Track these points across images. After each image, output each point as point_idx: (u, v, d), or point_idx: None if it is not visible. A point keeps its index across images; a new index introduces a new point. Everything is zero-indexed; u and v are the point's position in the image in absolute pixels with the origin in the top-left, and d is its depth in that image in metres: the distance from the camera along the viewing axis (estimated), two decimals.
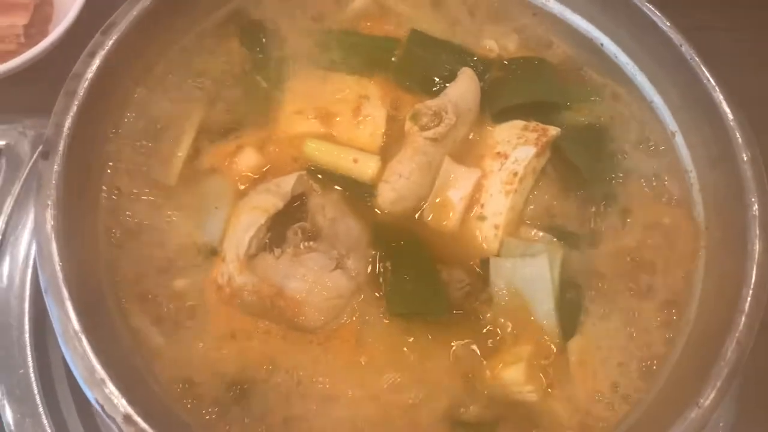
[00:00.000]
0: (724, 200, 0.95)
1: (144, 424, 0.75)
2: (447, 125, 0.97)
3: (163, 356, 0.87)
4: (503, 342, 0.90)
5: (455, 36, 1.09)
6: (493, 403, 0.88)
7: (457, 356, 0.90)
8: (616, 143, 1.04)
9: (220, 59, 1.05)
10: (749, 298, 0.85)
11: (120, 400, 0.76)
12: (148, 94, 1.00)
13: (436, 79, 1.05)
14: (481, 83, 1.04)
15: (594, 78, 1.08)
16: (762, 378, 1.03)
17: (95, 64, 0.91)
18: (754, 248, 0.87)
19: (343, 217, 0.95)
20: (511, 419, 0.88)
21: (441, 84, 1.04)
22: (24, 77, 1.28)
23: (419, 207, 0.97)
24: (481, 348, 0.90)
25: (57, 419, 0.96)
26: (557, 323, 0.91)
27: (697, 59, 0.97)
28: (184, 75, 1.03)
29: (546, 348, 0.90)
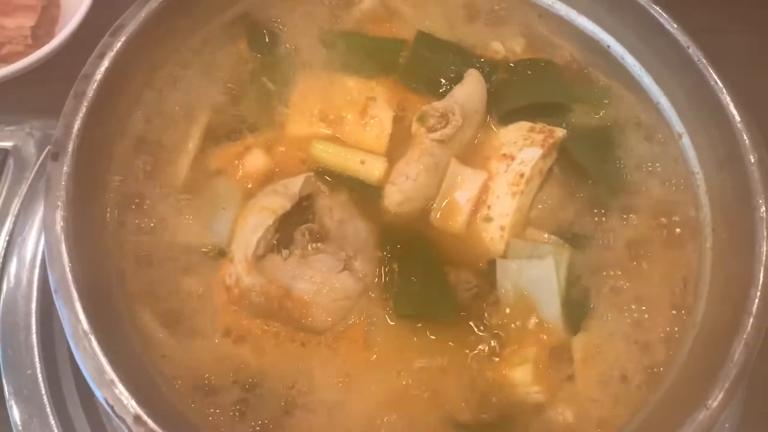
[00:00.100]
0: (731, 202, 0.95)
1: (154, 425, 0.75)
2: (454, 127, 0.98)
3: (173, 357, 0.87)
4: (510, 343, 0.90)
5: (462, 38, 1.09)
6: (500, 404, 0.88)
7: (464, 357, 0.90)
8: (623, 145, 1.03)
9: (228, 61, 1.05)
10: (757, 300, 0.84)
11: (130, 401, 0.76)
12: (156, 95, 1.00)
13: (443, 81, 1.05)
14: (488, 85, 1.04)
15: (600, 79, 1.08)
16: None
17: (104, 66, 0.91)
18: (762, 250, 0.87)
19: (351, 219, 0.95)
20: (518, 420, 0.88)
21: (447, 86, 1.04)
22: (31, 78, 1.29)
23: (426, 208, 0.98)
24: (488, 349, 0.90)
25: (64, 419, 0.96)
26: (563, 325, 0.91)
27: (705, 61, 0.97)
28: (192, 76, 1.03)
29: (553, 349, 0.90)
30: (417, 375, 0.88)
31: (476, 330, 0.91)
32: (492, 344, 0.90)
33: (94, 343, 0.78)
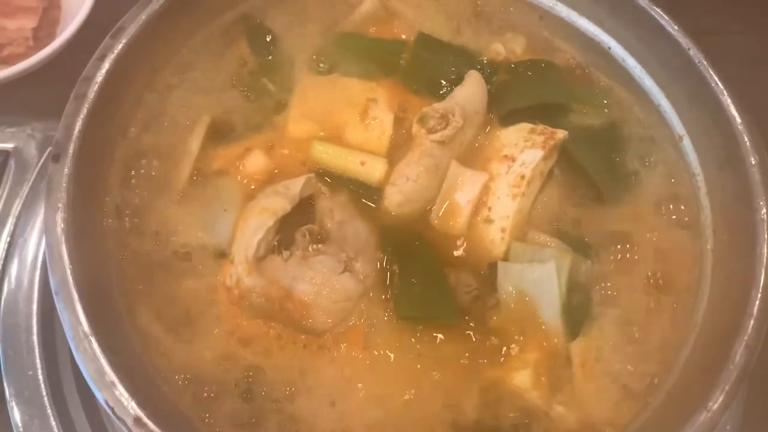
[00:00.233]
0: (732, 203, 0.95)
1: (154, 427, 0.75)
2: (454, 128, 0.98)
3: (173, 358, 0.87)
4: (510, 347, 0.90)
5: (462, 39, 1.10)
6: (500, 408, 0.88)
7: (464, 360, 0.89)
8: (624, 146, 1.04)
9: (228, 62, 1.06)
10: (758, 301, 0.84)
11: (130, 403, 0.76)
12: (157, 97, 1.01)
13: (444, 82, 1.05)
14: (488, 86, 1.04)
15: (601, 81, 1.08)
16: None
17: (105, 68, 0.91)
18: (762, 251, 0.87)
19: (351, 220, 0.95)
20: (517, 424, 0.87)
21: (448, 87, 1.04)
22: (32, 80, 1.29)
23: (426, 210, 0.98)
24: (488, 353, 0.90)
25: (65, 421, 0.96)
26: (564, 329, 0.91)
27: (705, 63, 0.97)
28: (193, 78, 1.03)
29: (553, 354, 0.90)
30: (417, 377, 0.88)
31: (476, 333, 0.91)
32: (492, 347, 0.90)
33: (95, 345, 0.78)
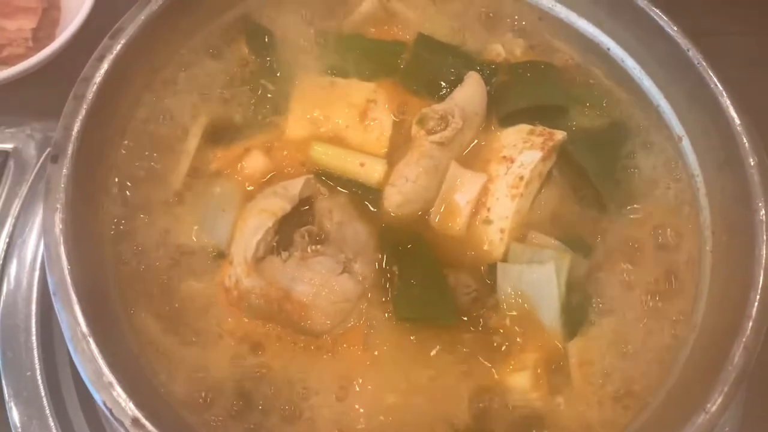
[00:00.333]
0: (731, 205, 0.94)
1: (152, 428, 0.75)
2: (453, 129, 0.98)
3: (171, 359, 0.87)
4: (509, 348, 0.90)
5: (462, 40, 1.09)
6: (499, 410, 0.88)
7: (463, 362, 0.89)
8: (623, 147, 1.03)
9: (227, 63, 1.05)
10: (756, 303, 0.84)
11: (128, 404, 0.76)
12: (156, 98, 1.01)
13: (443, 84, 1.05)
14: (488, 87, 1.04)
15: (600, 82, 1.08)
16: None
17: (104, 68, 0.91)
18: (761, 253, 0.87)
19: (350, 221, 0.95)
20: (516, 426, 0.87)
21: (448, 88, 1.04)
22: (31, 80, 1.29)
23: (426, 211, 0.97)
24: (487, 354, 0.90)
25: (64, 421, 0.96)
26: (563, 330, 0.91)
27: (704, 64, 0.97)
28: (192, 78, 1.03)
29: (552, 355, 0.90)
30: (416, 378, 0.88)
31: (475, 334, 0.91)
32: (491, 349, 0.90)
33: (93, 346, 0.78)
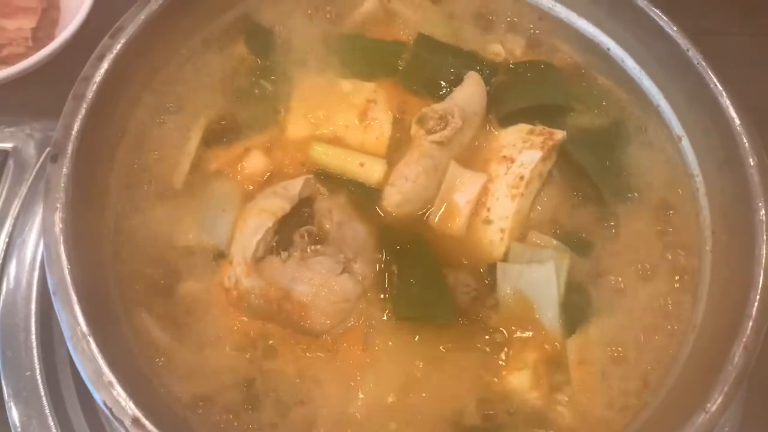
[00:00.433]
0: (731, 205, 0.95)
1: (152, 427, 0.75)
2: (453, 129, 0.98)
3: (171, 359, 0.87)
4: (509, 347, 0.90)
5: (462, 40, 1.09)
6: (499, 409, 0.88)
7: (463, 361, 0.89)
8: (622, 147, 1.03)
9: (227, 63, 1.05)
10: (756, 303, 0.84)
11: (128, 403, 0.75)
12: (156, 97, 1.01)
13: (443, 83, 1.05)
14: (488, 87, 1.04)
15: (600, 82, 1.08)
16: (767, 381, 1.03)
17: (104, 68, 0.91)
18: (761, 253, 0.87)
19: (350, 221, 0.95)
20: (517, 425, 0.87)
21: (447, 88, 1.04)
22: (31, 80, 1.29)
23: (425, 211, 0.97)
24: (487, 353, 0.90)
25: (63, 421, 0.96)
26: (563, 329, 0.91)
27: (704, 64, 0.97)
28: (191, 78, 1.03)
29: (552, 354, 0.90)
30: (416, 378, 0.88)
31: (475, 333, 0.91)
32: (491, 348, 0.90)
33: (93, 345, 0.78)
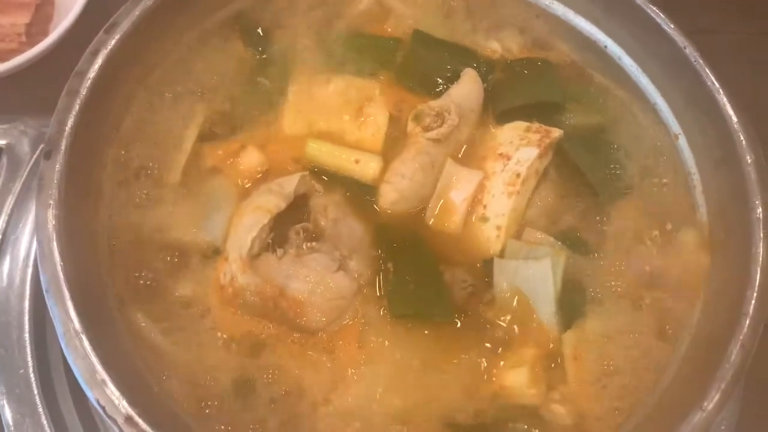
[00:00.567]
0: (728, 202, 0.94)
1: (145, 426, 0.74)
2: (449, 126, 0.97)
3: (165, 357, 0.86)
4: (506, 344, 0.90)
5: (458, 37, 1.09)
6: (496, 406, 0.88)
7: (460, 358, 0.89)
8: (619, 145, 1.03)
9: (223, 59, 1.05)
10: (753, 301, 0.84)
11: (121, 401, 0.75)
12: (151, 94, 1.00)
13: (439, 80, 1.05)
14: (484, 84, 1.04)
15: (597, 80, 1.08)
16: (764, 378, 1.02)
17: (98, 63, 0.90)
18: (758, 251, 0.87)
19: (346, 218, 0.95)
20: (514, 422, 0.87)
21: (444, 85, 1.04)
22: (25, 76, 1.28)
23: (421, 208, 0.97)
24: (484, 350, 0.90)
25: (56, 419, 0.96)
26: (559, 326, 0.90)
27: (701, 62, 0.97)
28: (187, 74, 1.02)
29: (549, 351, 0.90)
30: (412, 375, 0.88)
31: (471, 330, 0.91)
32: (488, 345, 0.90)
33: (86, 343, 0.77)
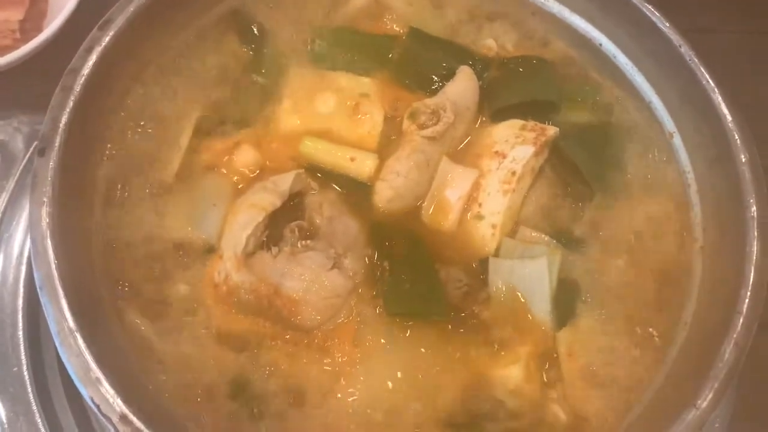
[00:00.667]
0: (722, 201, 0.95)
1: (140, 424, 0.74)
2: (445, 124, 0.97)
3: (160, 355, 0.86)
4: (501, 343, 0.90)
5: (454, 34, 1.09)
6: (492, 403, 0.88)
7: (455, 356, 0.89)
8: (614, 143, 1.03)
9: (218, 56, 1.04)
10: (747, 299, 0.84)
11: (116, 400, 0.75)
12: (145, 91, 0.99)
13: (435, 78, 1.04)
14: (480, 82, 1.03)
15: (592, 78, 1.08)
16: (758, 377, 1.03)
17: (92, 60, 0.90)
18: (752, 249, 0.87)
19: (341, 216, 0.94)
20: (509, 419, 0.87)
21: (439, 82, 1.04)
22: (18, 73, 1.28)
23: (417, 206, 0.97)
24: (479, 348, 0.90)
25: (51, 417, 0.96)
26: (554, 325, 0.91)
27: (696, 60, 0.97)
28: (182, 71, 1.02)
29: (544, 349, 0.90)
30: (407, 373, 0.88)
31: (467, 328, 0.91)
32: (483, 343, 0.90)
33: (80, 341, 0.77)
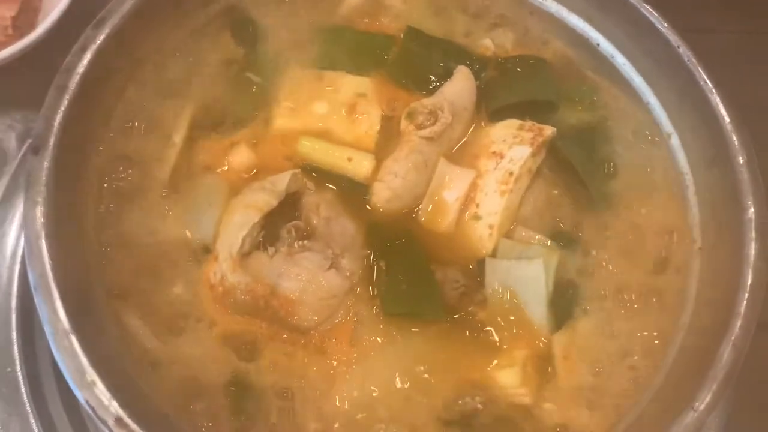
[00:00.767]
0: (720, 202, 0.95)
1: (136, 427, 0.74)
2: (443, 124, 0.97)
3: (155, 357, 0.85)
4: (497, 344, 0.90)
5: (452, 34, 1.09)
6: (486, 405, 0.88)
7: (451, 357, 0.89)
8: (612, 144, 1.03)
9: (214, 55, 1.04)
10: (745, 301, 0.84)
11: (111, 402, 0.74)
12: (140, 90, 0.99)
13: (432, 78, 1.04)
14: (477, 82, 1.03)
15: (590, 78, 1.08)
16: (754, 378, 1.03)
17: (86, 59, 0.89)
18: (750, 251, 0.87)
19: (338, 216, 0.94)
20: (505, 421, 0.87)
21: (437, 82, 1.03)
22: (12, 70, 1.27)
23: (414, 206, 0.97)
24: (475, 349, 0.90)
25: (45, 419, 0.96)
26: (550, 327, 0.91)
27: (694, 61, 0.97)
28: (177, 70, 1.02)
29: (540, 351, 0.90)
30: (404, 374, 0.88)
31: (463, 329, 0.90)
32: (479, 344, 0.90)
33: (75, 343, 0.76)
